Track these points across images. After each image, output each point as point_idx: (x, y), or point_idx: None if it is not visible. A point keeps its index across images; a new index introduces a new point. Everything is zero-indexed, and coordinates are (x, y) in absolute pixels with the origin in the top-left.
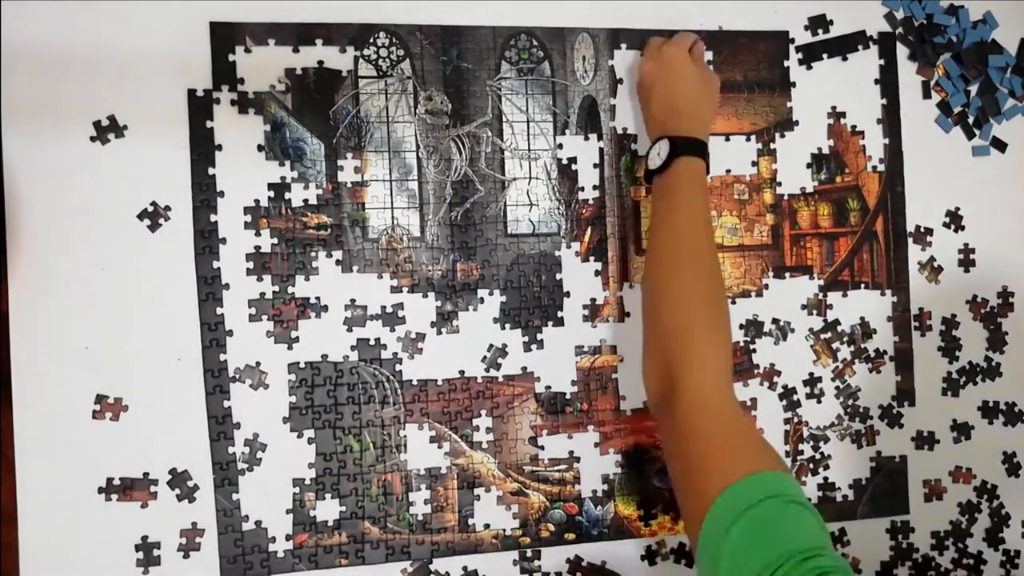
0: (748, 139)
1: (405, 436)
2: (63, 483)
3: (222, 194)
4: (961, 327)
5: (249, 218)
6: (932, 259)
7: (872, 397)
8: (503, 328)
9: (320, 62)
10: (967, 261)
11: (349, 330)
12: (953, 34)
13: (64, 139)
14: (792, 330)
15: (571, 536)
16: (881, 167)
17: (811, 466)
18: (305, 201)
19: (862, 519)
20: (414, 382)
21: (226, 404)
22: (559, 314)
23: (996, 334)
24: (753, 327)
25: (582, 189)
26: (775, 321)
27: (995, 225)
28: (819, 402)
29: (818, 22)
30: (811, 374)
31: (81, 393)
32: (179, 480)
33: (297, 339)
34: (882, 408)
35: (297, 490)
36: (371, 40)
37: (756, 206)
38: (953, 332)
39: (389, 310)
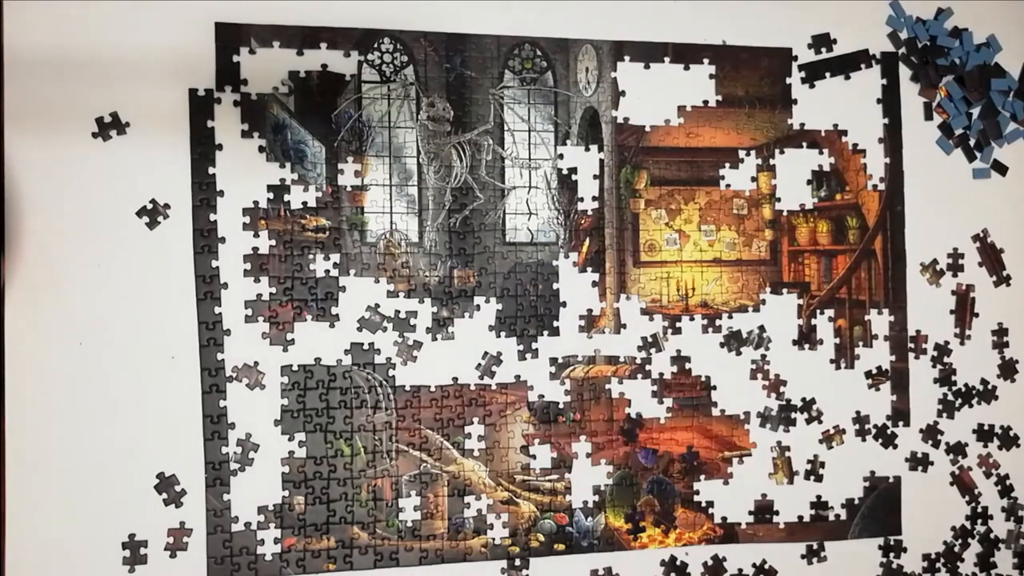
0: (748, 154)
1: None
2: (51, 480)
3: (222, 194)
4: (956, 351)
5: (248, 219)
6: (931, 279)
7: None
8: (498, 336)
9: (324, 65)
10: (967, 282)
11: (344, 334)
12: (956, 56)
13: (66, 134)
14: (790, 345)
15: (561, 547)
16: (881, 186)
17: (805, 483)
18: (304, 203)
19: (854, 539)
20: (407, 388)
21: (222, 404)
22: (555, 324)
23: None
24: (749, 342)
25: (581, 200)
26: (771, 337)
27: (997, 246)
28: (820, 422)
29: (821, 40)
30: (808, 391)
31: (73, 388)
32: (168, 479)
33: (292, 341)
34: (876, 428)
35: (287, 493)
36: (375, 45)
37: (755, 221)
38: (946, 357)
39: (385, 314)
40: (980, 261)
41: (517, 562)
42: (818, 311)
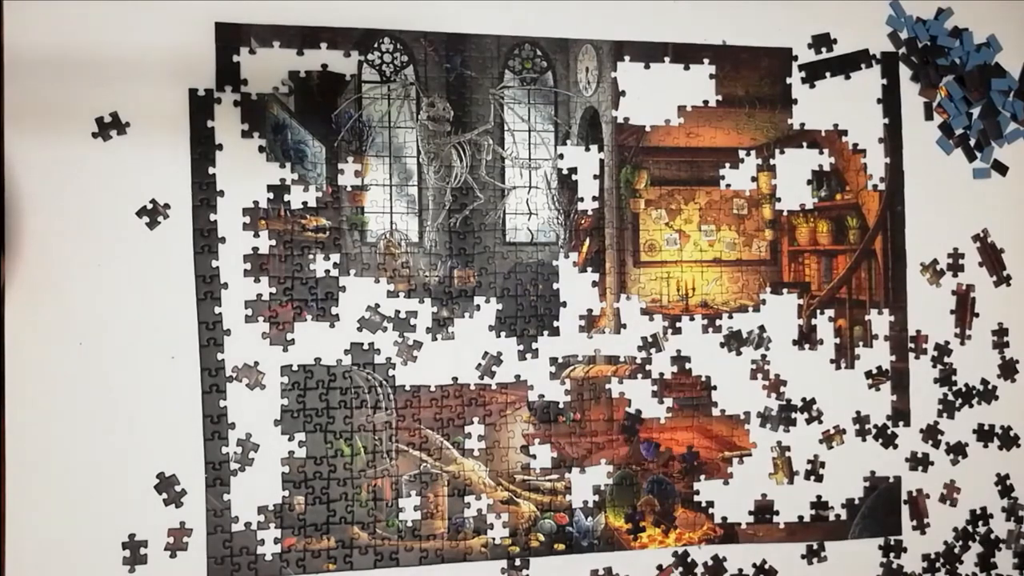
0: (748, 154)
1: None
2: (51, 480)
3: (222, 194)
4: (957, 351)
5: (248, 219)
6: (931, 279)
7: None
8: (498, 336)
9: (324, 65)
10: (967, 282)
11: (344, 334)
12: (956, 56)
13: (66, 134)
14: (790, 345)
15: (561, 547)
16: (881, 186)
17: (805, 483)
18: (304, 203)
19: (854, 539)
20: (407, 387)
21: (222, 404)
22: (555, 324)
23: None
24: (749, 342)
25: (581, 200)
26: (772, 337)
27: (997, 246)
28: (820, 422)
29: (821, 40)
30: (808, 391)
31: (73, 388)
32: (168, 479)
33: (292, 341)
34: (876, 428)
35: (287, 493)
36: (376, 45)
37: (755, 221)
38: (946, 357)
39: (385, 314)
40: (980, 261)
41: (517, 562)
42: (818, 311)
